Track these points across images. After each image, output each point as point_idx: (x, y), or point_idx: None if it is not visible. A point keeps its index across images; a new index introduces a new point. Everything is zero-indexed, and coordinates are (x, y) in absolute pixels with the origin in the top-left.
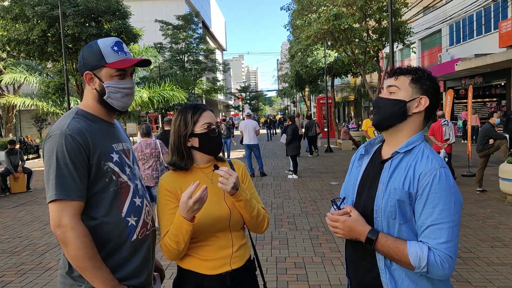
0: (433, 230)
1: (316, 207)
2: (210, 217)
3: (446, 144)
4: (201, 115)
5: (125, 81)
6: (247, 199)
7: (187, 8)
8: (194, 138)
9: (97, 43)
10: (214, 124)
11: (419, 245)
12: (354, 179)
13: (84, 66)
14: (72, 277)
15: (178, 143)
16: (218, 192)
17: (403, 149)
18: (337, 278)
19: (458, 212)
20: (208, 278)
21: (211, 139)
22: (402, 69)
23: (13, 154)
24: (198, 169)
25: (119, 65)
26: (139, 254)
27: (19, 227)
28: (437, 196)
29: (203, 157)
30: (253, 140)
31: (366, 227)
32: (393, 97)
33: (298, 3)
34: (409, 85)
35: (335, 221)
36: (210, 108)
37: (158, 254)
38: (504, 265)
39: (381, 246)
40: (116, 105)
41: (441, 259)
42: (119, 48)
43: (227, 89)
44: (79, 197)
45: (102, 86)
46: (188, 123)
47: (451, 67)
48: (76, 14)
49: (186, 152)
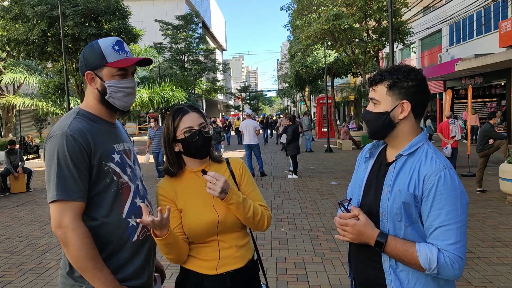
0: (441, 231)
1: (316, 207)
2: (201, 223)
3: (452, 140)
4: (181, 120)
5: (127, 80)
6: (239, 202)
7: (187, 8)
8: (178, 143)
9: (98, 42)
10: (195, 127)
11: (429, 247)
12: (360, 181)
13: (85, 66)
14: (73, 277)
15: (165, 149)
16: (207, 197)
17: (406, 151)
18: (337, 278)
19: (465, 212)
20: (207, 278)
21: (192, 144)
22: (377, 77)
23: (13, 154)
24: (192, 173)
25: (120, 64)
26: (140, 255)
27: (19, 227)
28: (443, 197)
29: (194, 161)
30: (253, 140)
31: (375, 230)
32: (376, 110)
33: (298, 3)
34: (387, 94)
35: (344, 225)
36: (195, 109)
37: (159, 254)
38: (504, 265)
39: (391, 249)
40: (118, 104)
41: (451, 260)
42: (120, 48)
43: (227, 89)
44: (80, 198)
45: (104, 85)
46: (169, 128)
47: (451, 67)
48: (76, 14)
49: (173, 157)
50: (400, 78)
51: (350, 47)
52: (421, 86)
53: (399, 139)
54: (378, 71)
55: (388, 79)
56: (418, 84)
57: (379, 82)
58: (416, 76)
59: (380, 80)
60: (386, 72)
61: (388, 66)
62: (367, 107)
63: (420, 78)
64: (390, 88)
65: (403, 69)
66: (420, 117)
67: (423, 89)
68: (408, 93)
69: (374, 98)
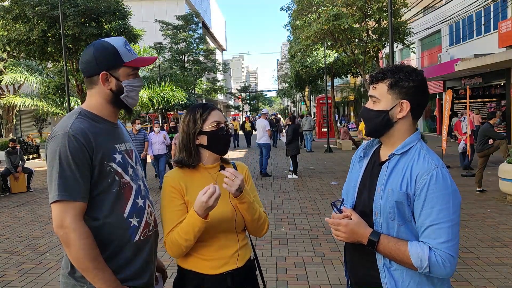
0: (433, 230)
1: (316, 207)
2: (216, 217)
3: (465, 136)
4: (210, 114)
5: (138, 79)
6: (251, 202)
7: (187, 8)
8: (202, 136)
9: (110, 43)
10: (223, 123)
11: (420, 246)
12: (355, 181)
13: (98, 67)
14: (74, 277)
15: (187, 140)
16: (224, 192)
17: (399, 150)
18: (337, 278)
19: (457, 211)
20: (208, 278)
21: (220, 138)
22: (379, 74)
23: (13, 154)
24: (204, 169)
25: (137, 63)
26: (141, 255)
27: (19, 227)
28: (435, 196)
29: (210, 156)
30: (262, 139)
31: (367, 229)
32: (375, 108)
33: (298, 3)
34: (388, 93)
35: (337, 225)
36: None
37: (160, 254)
38: (504, 265)
39: (383, 248)
40: (130, 103)
41: (442, 259)
42: (130, 48)
43: (227, 89)
44: (82, 198)
45: (120, 85)
46: (197, 121)
47: (450, 67)
48: (76, 14)
49: (194, 149)
50: (401, 78)
51: (350, 47)
52: (422, 87)
53: (394, 138)
54: (380, 69)
55: (389, 78)
56: (419, 85)
57: (381, 80)
58: (418, 77)
59: (382, 78)
60: (388, 71)
61: (390, 65)
62: (366, 104)
63: (421, 79)
64: (391, 87)
65: (405, 69)
66: (417, 118)
67: (423, 90)
68: (408, 93)
69: (374, 96)
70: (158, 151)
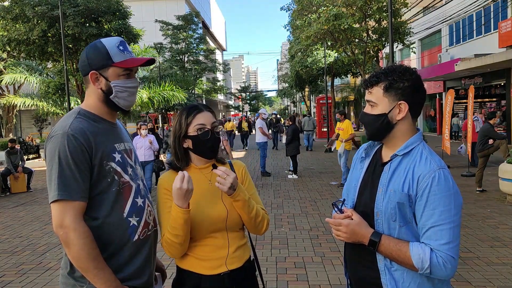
0: (434, 231)
1: (316, 207)
2: (207, 217)
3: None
4: (195, 117)
5: (131, 80)
6: (245, 200)
7: (187, 8)
8: (188, 140)
9: (102, 43)
10: (208, 126)
11: (421, 247)
12: (356, 181)
13: (89, 66)
14: (74, 277)
15: (174, 144)
16: (216, 192)
17: (401, 151)
18: (337, 278)
19: (458, 212)
20: (205, 278)
21: (203, 142)
22: (372, 79)
23: (13, 154)
24: (197, 169)
25: (127, 64)
26: (141, 254)
27: (19, 227)
28: (437, 198)
29: (200, 158)
30: (258, 138)
31: (368, 229)
32: (374, 112)
33: (298, 3)
34: (384, 96)
35: (338, 225)
36: (209, 108)
37: (159, 254)
38: (504, 265)
39: (384, 248)
40: (122, 104)
41: (443, 260)
42: (124, 48)
43: (227, 89)
44: (81, 198)
45: (109, 85)
46: (182, 124)
47: (451, 67)
48: (76, 14)
49: (181, 153)
50: (395, 79)
51: (350, 47)
52: (417, 85)
53: (396, 139)
54: (373, 73)
55: (383, 80)
56: (414, 83)
57: (375, 84)
58: (412, 76)
59: (376, 82)
60: (381, 74)
61: (383, 67)
62: (364, 109)
63: (416, 77)
64: (387, 90)
65: (398, 70)
66: (416, 116)
67: (419, 88)
68: (405, 94)
69: (371, 101)
70: (144, 157)
